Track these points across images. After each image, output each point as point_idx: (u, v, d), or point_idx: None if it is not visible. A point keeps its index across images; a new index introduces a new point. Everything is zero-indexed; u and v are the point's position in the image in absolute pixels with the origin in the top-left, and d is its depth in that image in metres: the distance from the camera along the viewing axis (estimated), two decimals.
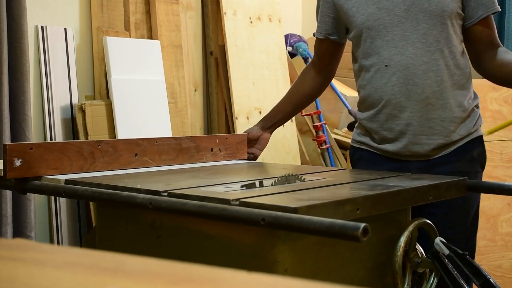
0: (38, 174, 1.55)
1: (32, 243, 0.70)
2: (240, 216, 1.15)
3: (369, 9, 1.77)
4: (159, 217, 1.37)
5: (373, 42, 1.78)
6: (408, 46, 1.74)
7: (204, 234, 1.31)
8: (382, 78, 1.77)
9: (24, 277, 0.55)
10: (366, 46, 1.80)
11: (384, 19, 1.75)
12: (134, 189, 1.36)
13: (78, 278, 0.55)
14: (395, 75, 1.75)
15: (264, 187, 1.39)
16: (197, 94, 3.38)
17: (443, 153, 1.80)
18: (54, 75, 2.76)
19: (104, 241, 1.51)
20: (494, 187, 1.61)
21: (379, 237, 1.41)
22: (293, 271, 1.23)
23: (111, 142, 1.71)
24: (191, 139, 1.89)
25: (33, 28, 2.72)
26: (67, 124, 2.80)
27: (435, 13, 1.72)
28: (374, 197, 1.29)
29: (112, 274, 0.55)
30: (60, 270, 0.57)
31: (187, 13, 3.34)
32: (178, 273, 0.55)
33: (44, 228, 2.77)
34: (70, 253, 0.67)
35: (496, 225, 3.06)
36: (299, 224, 1.08)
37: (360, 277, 1.39)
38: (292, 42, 3.81)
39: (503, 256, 3.04)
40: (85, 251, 0.65)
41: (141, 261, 0.58)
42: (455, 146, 1.80)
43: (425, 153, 1.79)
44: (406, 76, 1.74)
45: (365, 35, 1.79)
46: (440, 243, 1.44)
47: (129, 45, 2.91)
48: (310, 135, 3.59)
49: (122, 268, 0.57)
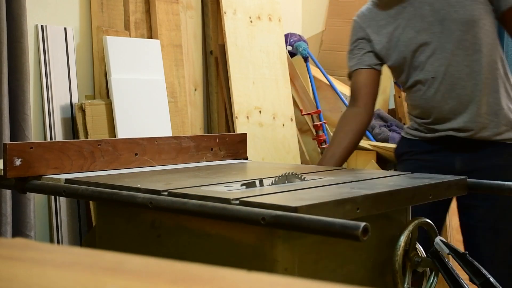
0: (38, 174, 1.55)
1: (31, 243, 0.70)
2: (240, 215, 1.15)
3: (408, 35, 1.90)
4: (159, 216, 1.37)
5: (415, 61, 1.90)
6: (448, 55, 1.86)
7: (204, 233, 1.31)
8: (430, 89, 1.89)
9: (24, 277, 0.55)
10: (408, 66, 1.92)
11: (423, 39, 1.89)
12: (134, 188, 1.36)
13: (78, 277, 0.54)
14: (442, 84, 1.88)
15: (264, 186, 1.39)
16: (197, 93, 3.38)
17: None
18: (54, 75, 2.76)
19: (104, 240, 1.51)
20: (494, 187, 1.61)
21: (379, 237, 1.41)
22: (293, 271, 1.23)
23: (111, 142, 1.71)
24: (191, 139, 1.89)
25: (33, 28, 2.72)
26: (67, 124, 2.80)
27: (465, 19, 1.84)
28: (374, 197, 1.29)
29: (112, 274, 0.55)
30: (60, 269, 0.57)
31: (187, 12, 3.34)
32: (178, 272, 0.55)
33: (44, 228, 2.77)
34: (70, 252, 0.67)
35: None
36: (299, 224, 1.08)
37: (360, 276, 1.39)
38: (292, 41, 3.81)
39: None
40: (85, 251, 0.65)
41: (141, 261, 0.58)
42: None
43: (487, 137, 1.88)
44: (452, 82, 1.86)
45: (408, 58, 1.91)
46: (440, 243, 1.44)
47: (129, 44, 2.91)
48: (310, 135, 3.59)
49: (122, 267, 0.57)
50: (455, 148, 1.91)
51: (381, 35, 1.96)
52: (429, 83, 1.89)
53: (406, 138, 2.05)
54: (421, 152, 1.98)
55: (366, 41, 1.99)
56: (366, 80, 2.00)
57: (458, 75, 1.86)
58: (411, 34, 1.90)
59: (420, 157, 1.98)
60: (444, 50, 1.86)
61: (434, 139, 1.94)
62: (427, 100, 1.91)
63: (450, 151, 1.92)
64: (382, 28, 1.96)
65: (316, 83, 3.72)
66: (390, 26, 1.94)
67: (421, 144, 1.98)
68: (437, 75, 1.87)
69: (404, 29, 1.91)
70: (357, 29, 2.02)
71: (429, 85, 1.89)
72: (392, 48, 1.94)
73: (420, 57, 1.89)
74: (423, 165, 1.91)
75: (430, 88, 1.89)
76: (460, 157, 1.91)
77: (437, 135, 1.93)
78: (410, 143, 2.02)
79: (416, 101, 1.95)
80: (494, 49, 1.89)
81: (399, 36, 1.92)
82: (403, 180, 1.51)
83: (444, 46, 1.86)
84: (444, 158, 1.92)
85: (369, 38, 1.98)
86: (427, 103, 1.91)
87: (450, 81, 1.86)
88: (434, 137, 1.94)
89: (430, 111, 1.91)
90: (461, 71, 1.85)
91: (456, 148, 1.91)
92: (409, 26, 1.90)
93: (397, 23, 1.93)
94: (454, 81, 1.86)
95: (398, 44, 1.92)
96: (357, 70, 2.01)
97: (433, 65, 1.87)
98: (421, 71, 1.90)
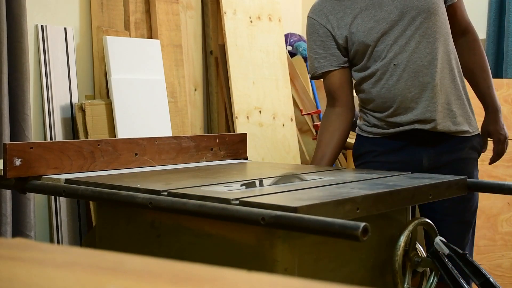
0: (38, 174, 1.55)
1: (31, 243, 0.70)
2: (240, 215, 1.15)
3: (367, 25, 1.87)
4: (159, 216, 1.37)
5: (376, 50, 1.87)
6: (410, 42, 1.84)
7: (204, 233, 1.31)
8: (392, 77, 1.86)
9: (24, 277, 0.54)
10: (368, 55, 1.88)
11: (383, 28, 1.86)
12: (134, 188, 1.36)
13: (78, 277, 0.54)
14: (405, 71, 1.85)
15: (264, 186, 1.39)
16: (197, 93, 3.38)
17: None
18: (54, 75, 2.76)
19: (104, 240, 1.51)
20: (494, 186, 1.61)
21: (379, 237, 1.41)
22: (293, 271, 1.23)
23: (111, 142, 1.71)
24: (191, 139, 1.89)
25: (33, 28, 2.72)
26: (67, 124, 2.80)
27: (426, 7, 1.85)
28: (374, 197, 1.29)
29: (112, 274, 0.55)
30: (60, 269, 0.57)
31: (187, 12, 3.34)
32: (177, 272, 0.55)
33: (44, 228, 2.77)
34: (70, 252, 0.67)
35: (496, 224, 3.06)
36: (299, 224, 1.08)
37: (360, 276, 1.39)
38: (292, 41, 3.81)
39: (503, 256, 3.04)
40: (85, 251, 0.65)
41: (141, 261, 0.58)
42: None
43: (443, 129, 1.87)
44: (415, 69, 1.84)
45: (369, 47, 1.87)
46: (440, 243, 1.44)
47: (129, 44, 2.91)
48: (310, 135, 3.59)
49: (122, 267, 0.57)
50: (421, 142, 1.88)
51: (341, 28, 1.91)
52: (391, 71, 1.85)
53: (365, 137, 1.98)
54: (385, 152, 1.92)
55: (329, 38, 1.94)
56: (340, 81, 1.97)
57: (420, 62, 1.84)
58: (370, 24, 1.86)
59: (385, 158, 1.91)
60: (406, 38, 1.84)
61: (397, 134, 1.89)
62: (389, 89, 1.86)
63: (416, 145, 1.89)
64: (341, 21, 1.91)
65: (316, 83, 3.72)
66: (348, 17, 1.90)
67: (383, 141, 1.92)
68: (399, 63, 1.84)
69: (363, 19, 1.87)
70: (316, 27, 1.96)
71: (391, 73, 1.85)
72: (352, 39, 1.89)
73: (380, 46, 1.86)
74: (389, 167, 1.83)
75: (392, 76, 1.85)
76: (426, 153, 1.88)
77: (401, 129, 1.88)
78: (371, 142, 1.95)
79: (375, 91, 1.89)
80: (448, 38, 1.90)
81: (357, 27, 1.88)
82: (403, 180, 1.51)
83: (406, 34, 1.84)
84: (411, 156, 1.89)
85: (332, 34, 1.93)
86: (389, 92, 1.86)
87: (413, 68, 1.84)
88: (398, 132, 1.89)
89: (392, 99, 1.86)
90: (423, 59, 1.84)
91: (421, 142, 1.88)
92: (368, 16, 1.87)
93: (355, 13, 1.89)
94: (417, 69, 1.84)
95: (357, 35, 1.87)
96: (328, 72, 1.97)
97: (395, 52, 1.85)
98: (382, 60, 1.86)
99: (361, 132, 2.00)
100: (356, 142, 2.03)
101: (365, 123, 1.98)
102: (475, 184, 1.61)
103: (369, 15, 1.87)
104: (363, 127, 1.98)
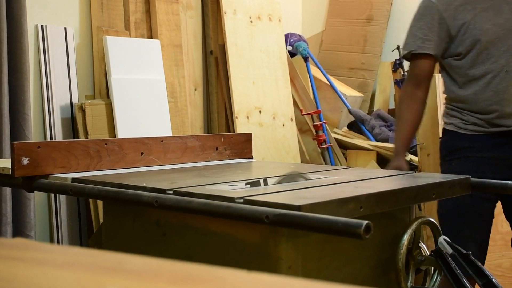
0: (45, 173, 1.56)
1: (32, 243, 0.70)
2: (245, 214, 1.15)
3: (485, 25, 1.97)
4: (165, 215, 1.37)
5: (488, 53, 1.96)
6: None
7: (209, 231, 1.31)
8: (502, 82, 1.97)
9: (24, 277, 0.54)
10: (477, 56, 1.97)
11: (498, 33, 1.97)
12: (140, 187, 1.37)
13: (78, 277, 0.54)
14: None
15: (269, 185, 1.39)
16: (197, 93, 3.38)
17: None
18: (54, 75, 2.75)
19: (110, 238, 1.51)
20: (497, 186, 1.61)
21: (383, 235, 1.41)
22: (297, 269, 1.23)
23: (117, 141, 1.72)
24: (196, 138, 1.90)
25: (33, 28, 2.72)
26: (67, 124, 2.79)
27: None
28: (377, 195, 1.29)
29: (112, 274, 0.55)
30: (60, 269, 0.57)
31: (187, 12, 3.34)
32: (178, 272, 0.55)
33: (44, 228, 2.77)
34: (70, 252, 0.67)
35: (496, 224, 3.06)
36: (303, 222, 1.08)
37: (363, 274, 1.39)
38: (292, 41, 3.81)
39: (503, 255, 3.04)
40: (85, 251, 0.65)
41: (141, 261, 0.58)
42: None
43: None
44: None
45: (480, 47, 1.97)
46: (444, 242, 1.44)
47: (129, 44, 2.91)
48: (310, 135, 3.59)
49: (122, 267, 0.57)
50: None
51: (456, 20, 1.98)
52: (501, 76, 1.96)
53: (462, 134, 2.05)
54: (484, 148, 2.00)
55: (443, 26, 1.99)
56: (432, 68, 2.05)
57: None
58: (488, 25, 1.96)
59: (484, 154, 1.99)
60: None
61: (498, 133, 1.98)
62: (497, 92, 1.96)
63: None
64: (458, 14, 1.98)
65: (316, 83, 3.73)
66: (467, 13, 1.97)
67: (483, 138, 2.01)
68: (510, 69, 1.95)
69: (481, 19, 1.96)
70: (433, 10, 2.01)
71: (502, 78, 1.96)
72: (467, 35, 1.97)
73: (492, 49, 1.95)
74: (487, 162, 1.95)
75: (502, 81, 1.96)
76: None
77: (503, 129, 1.97)
78: (468, 138, 2.03)
79: (482, 93, 1.98)
80: None
81: (475, 25, 1.96)
82: (406, 179, 1.51)
83: None
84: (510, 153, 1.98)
85: (445, 23, 1.99)
86: (497, 95, 1.96)
87: None
88: (499, 132, 1.98)
89: (499, 103, 1.96)
90: None
91: None
92: (487, 17, 1.96)
93: (475, 10, 1.96)
94: None
95: (474, 32, 1.96)
96: (428, 56, 2.02)
97: (506, 60, 1.95)
98: (494, 63, 1.96)
99: (457, 129, 2.05)
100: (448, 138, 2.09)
101: (462, 121, 2.05)
102: (478, 184, 1.61)
103: (488, 17, 1.96)
104: (459, 124, 2.05)
